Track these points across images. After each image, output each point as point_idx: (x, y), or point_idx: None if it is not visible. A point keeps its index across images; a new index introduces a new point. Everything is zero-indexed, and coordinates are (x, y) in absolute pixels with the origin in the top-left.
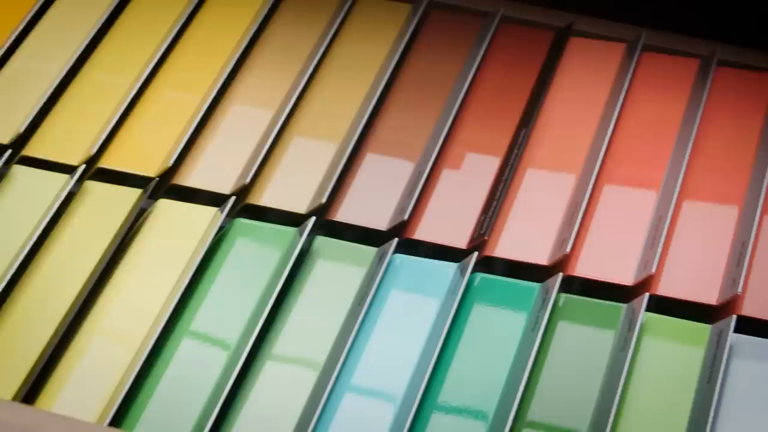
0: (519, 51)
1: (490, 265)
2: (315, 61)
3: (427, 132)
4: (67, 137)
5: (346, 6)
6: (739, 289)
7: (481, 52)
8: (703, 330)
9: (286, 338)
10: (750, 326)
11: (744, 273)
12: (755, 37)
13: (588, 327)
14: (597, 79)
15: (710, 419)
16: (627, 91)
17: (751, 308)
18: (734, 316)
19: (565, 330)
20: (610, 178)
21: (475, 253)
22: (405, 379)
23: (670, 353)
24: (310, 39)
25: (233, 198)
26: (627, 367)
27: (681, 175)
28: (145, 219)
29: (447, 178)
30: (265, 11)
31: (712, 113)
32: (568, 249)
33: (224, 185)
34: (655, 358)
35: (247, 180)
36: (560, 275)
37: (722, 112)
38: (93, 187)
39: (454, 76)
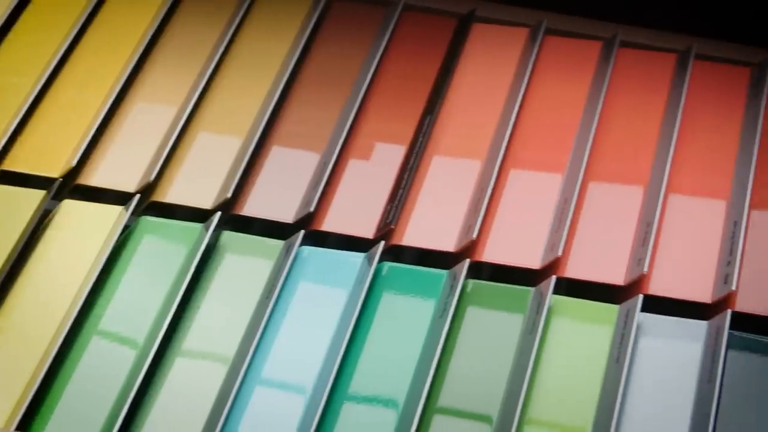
0: (422, 39)
1: (398, 253)
2: (217, 58)
3: (332, 123)
4: None
5: (247, 2)
6: (645, 269)
7: (384, 42)
8: (610, 310)
9: (195, 334)
10: (657, 305)
11: (649, 253)
12: (657, 17)
13: (497, 311)
14: (500, 65)
15: (619, 397)
16: (530, 76)
17: (657, 287)
18: (641, 296)
19: (474, 315)
20: (516, 163)
21: (382, 243)
22: (314, 370)
23: (579, 334)
24: (212, 36)
25: (138, 196)
26: (535, 350)
27: (585, 158)
28: (50, 220)
29: (353, 168)
30: (165, 9)
31: (615, 94)
32: (475, 235)
33: (129, 183)
34: (564, 339)
35: (152, 177)
36: (467, 261)
37: (626, 92)
38: None
39: (358, 67)
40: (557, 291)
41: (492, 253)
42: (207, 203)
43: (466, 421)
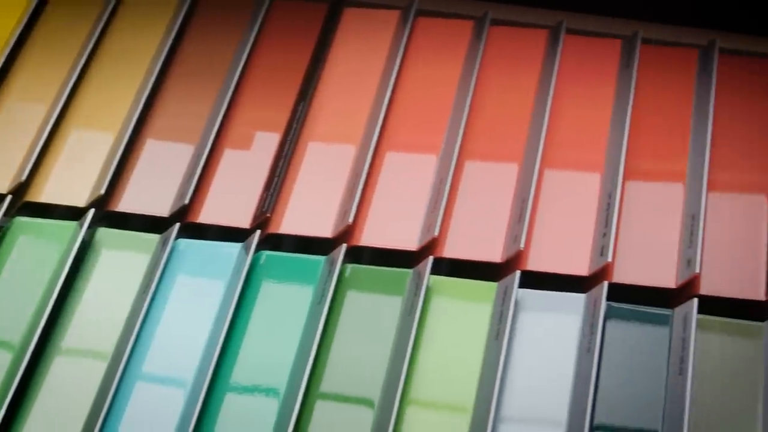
0: (293, 26)
1: (277, 242)
2: (87, 54)
3: (205, 115)
4: None
5: (113, 1)
6: (522, 245)
7: (255, 31)
8: (489, 288)
9: (73, 332)
10: (536, 280)
11: (525, 229)
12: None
13: (376, 295)
14: (373, 48)
15: (499, 373)
16: (403, 58)
17: (535, 263)
18: (518, 272)
19: (353, 300)
20: (391, 146)
21: (258, 232)
22: (194, 363)
23: (458, 313)
24: (82, 32)
25: (10, 197)
26: (415, 331)
27: (459, 138)
28: None
29: (228, 158)
30: (32, 7)
31: (488, 73)
32: (351, 219)
33: (0, 185)
34: (444, 319)
35: (23, 177)
36: (344, 246)
37: (498, 71)
38: None
39: (230, 58)
40: (437, 271)
41: (369, 237)
42: (81, 201)
43: (348, 405)
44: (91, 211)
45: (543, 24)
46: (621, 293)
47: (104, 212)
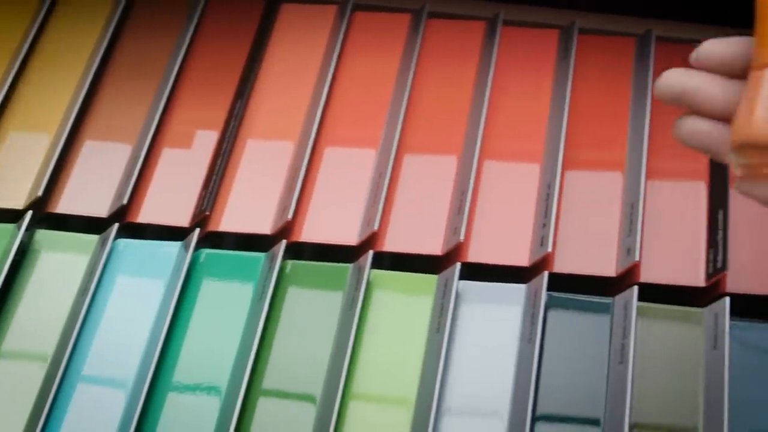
0: (230, 24)
1: (218, 240)
2: (22, 56)
3: (143, 114)
4: None
5: (48, 2)
6: (461, 237)
7: (191, 30)
8: (429, 281)
9: (13, 335)
10: (477, 272)
11: (465, 221)
12: None
13: (317, 290)
14: (310, 43)
15: (440, 366)
16: (340, 53)
17: (476, 254)
18: (458, 264)
19: (294, 296)
20: (329, 141)
21: (197, 230)
22: (135, 363)
23: (400, 306)
24: (17, 34)
25: None
26: (356, 325)
27: (398, 131)
28: None
29: (167, 157)
30: None
31: (426, 67)
32: (290, 216)
33: None
34: (385, 312)
35: None
36: (284, 242)
37: (436, 64)
38: None
39: (167, 57)
40: (377, 265)
41: (309, 232)
42: (19, 203)
43: (291, 402)
44: (29, 213)
45: (480, 16)
46: (562, 283)
47: (43, 214)
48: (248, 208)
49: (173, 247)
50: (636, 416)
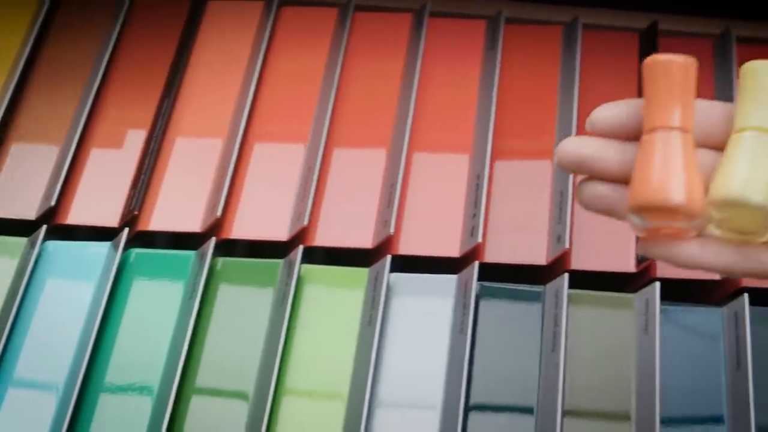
0: (156, 22)
1: (149, 239)
2: None
3: (70, 116)
4: None
5: None
6: (392, 230)
7: (117, 29)
8: (360, 274)
9: None
10: (410, 264)
11: (395, 213)
12: None
13: (248, 287)
14: (237, 41)
15: (373, 359)
16: (267, 49)
17: (407, 247)
18: (389, 257)
19: (225, 293)
20: (258, 137)
21: (126, 230)
22: (66, 365)
23: (331, 301)
24: None
25: None
26: (287, 321)
27: (326, 125)
28: None
29: (95, 158)
30: None
31: (354, 61)
32: (219, 213)
33: None
34: (316, 307)
35: None
36: (213, 240)
37: (364, 58)
38: None
39: (93, 57)
40: (310, 260)
41: (240, 229)
42: None
43: (223, 399)
44: None
45: (407, 8)
46: (493, 272)
47: None
48: (178, 207)
49: (102, 247)
50: (569, 403)
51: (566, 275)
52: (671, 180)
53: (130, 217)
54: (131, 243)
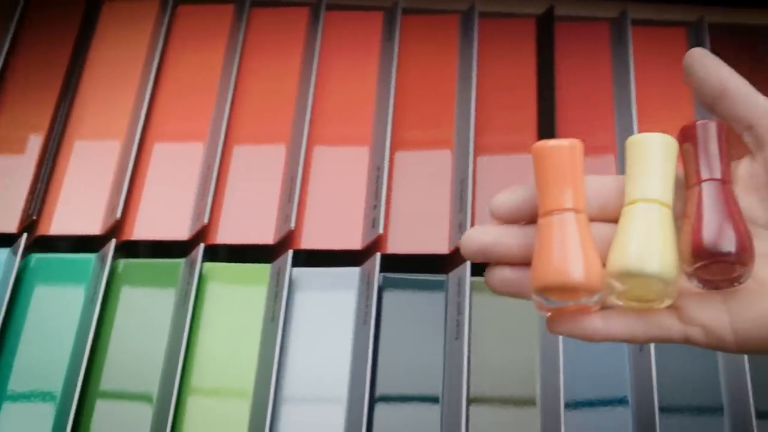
0: (51, 25)
1: (49, 244)
2: None
3: None
4: None
5: None
6: (292, 224)
7: (11, 33)
8: (262, 270)
9: None
10: (309, 258)
11: (296, 208)
12: None
13: (150, 288)
14: (134, 40)
15: (276, 355)
16: (164, 48)
17: (309, 241)
18: (291, 252)
19: (128, 295)
20: (158, 137)
21: (25, 235)
22: None
23: (234, 298)
24: None
25: None
26: (190, 320)
27: (224, 123)
28: None
29: None
30: None
31: (252, 57)
32: (119, 215)
33: None
34: (219, 305)
35: None
36: (113, 242)
37: (262, 54)
38: None
39: None
40: (213, 258)
41: (140, 230)
42: None
43: (128, 402)
44: None
45: (304, 2)
46: (396, 263)
47: None
48: (78, 210)
49: (1, 254)
50: (474, 391)
51: (468, 263)
52: (569, 260)
53: (29, 222)
54: (31, 248)
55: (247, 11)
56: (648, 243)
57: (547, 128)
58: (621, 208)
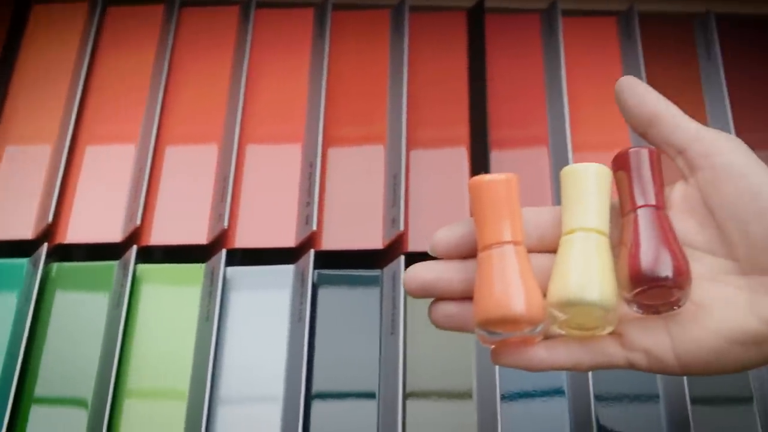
0: None
1: None
2: None
3: None
4: None
5: None
6: (225, 224)
7: None
8: (196, 270)
9: None
10: (244, 257)
11: (228, 207)
12: None
13: (84, 291)
14: (63, 42)
15: (212, 354)
16: (94, 49)
17: (243, 239)
18: (224, 251)
19: (61, 299)
20: (89, 139)
21: None
22: None
23: (169, 299)
24: None
25: None
26: (124, 323)
27: (155, 123)
28: None
29: None
30: None
31: (182, 57)
32: (50, 219)
33: None
34: (154, 306)
35: None
36: (45, 246)
37: (192, 53)
38: None
39: None
40: (147, 260)
41: (74, 233)
42: None
43: (62, 407)
44: None
45: (233, 0)
46: (331, 259)
47: None
48: (9, 214)
49: None
50: (411, 385)
51: (402, 257)
52: (510, 293)
53: None
54: None
55: (176, 12)
56: (587, 272)
57: (479, 121)
58: (559, 238)
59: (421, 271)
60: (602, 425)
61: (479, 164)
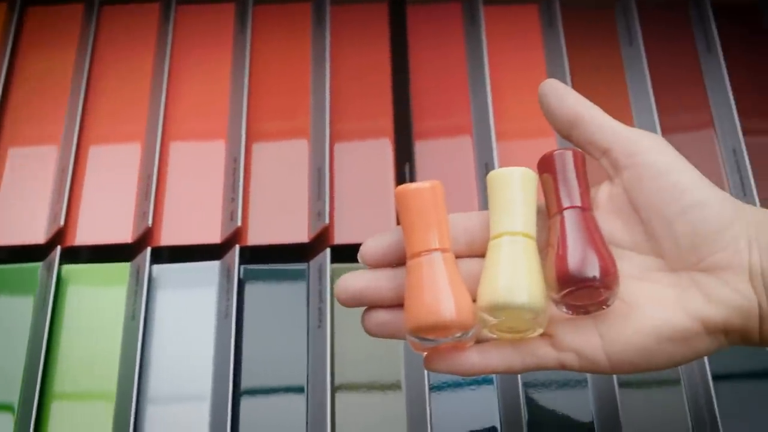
0: None
1: None
2: None
3: None
4: None
5: None
6: (149, 222)
7: None
8: (122, 269)
9: None
10: (171, 255)
11: (152, 205)
12: None
13: (8, 293)
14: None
15: (138, 353)
16: (14, 48)
17: (168, 237)
18: (149, 249)
19: None
20: (12, 141)
21: None
22: None
23: (95, 299)
24: None
25: None
26: (49, 325)
27: (77, 123)
28: None
29: None
30: None
31: (104, 56)
32: None
33: None
34: (80, 307)
35: None
36: None
37: (114, 52)
38: None
39: None
40: (72, 260)
41: None
42: None
43: None
44: None
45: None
46: (257, 254)
47: None
48: None
49: None
50: (339, 378)
51: (328, 250)
52: (439, 299)
53: None
54: None
55: (96, 10)
56: (515, 275)
57: (402, 113)
58: (487, 243)
59: (351, 281)
60: (531, 412)
61: (403, 155)
